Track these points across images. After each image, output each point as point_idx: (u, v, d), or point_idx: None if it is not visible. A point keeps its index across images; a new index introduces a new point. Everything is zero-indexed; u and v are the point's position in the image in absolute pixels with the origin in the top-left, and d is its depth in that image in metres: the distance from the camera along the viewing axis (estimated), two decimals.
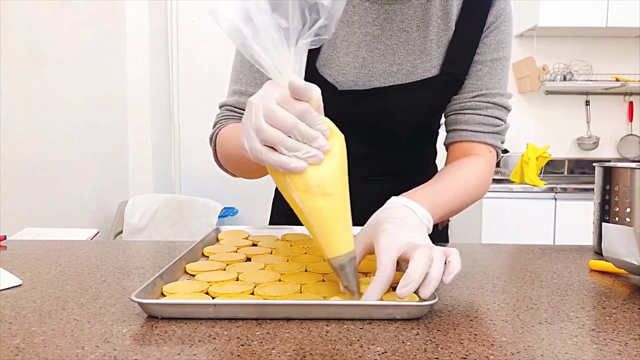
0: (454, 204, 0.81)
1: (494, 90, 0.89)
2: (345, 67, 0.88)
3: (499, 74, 0.90)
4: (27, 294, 0.66)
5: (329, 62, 0.88)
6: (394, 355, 0.48)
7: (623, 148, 3.32)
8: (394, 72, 0.88)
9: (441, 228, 1.09)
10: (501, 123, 0.91)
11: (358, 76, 0.88)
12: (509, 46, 0.91)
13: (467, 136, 0.90)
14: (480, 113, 0.89)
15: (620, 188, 0.87)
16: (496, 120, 0.90)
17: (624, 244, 0.71)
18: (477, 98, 0.89)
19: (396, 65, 0.88)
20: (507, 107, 0.91)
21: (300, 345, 0.50)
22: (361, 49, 0.87)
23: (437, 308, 0.61)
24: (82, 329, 0.54)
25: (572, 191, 2.73)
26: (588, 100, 3.30)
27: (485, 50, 0.89)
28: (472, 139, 0.90)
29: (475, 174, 0.87)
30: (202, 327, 0.54)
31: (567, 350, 0.49)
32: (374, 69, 0.88)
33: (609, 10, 2.86)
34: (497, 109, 0.90)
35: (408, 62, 0.88)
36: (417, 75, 0.89)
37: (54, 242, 1.00)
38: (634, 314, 0.60)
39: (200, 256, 0.83)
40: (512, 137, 3.23)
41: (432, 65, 0.88)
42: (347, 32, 0.87)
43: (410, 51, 0.88)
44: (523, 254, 0.90)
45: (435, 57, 0.88)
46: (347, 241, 0.58)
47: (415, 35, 0.88)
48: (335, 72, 0.88)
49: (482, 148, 0.90)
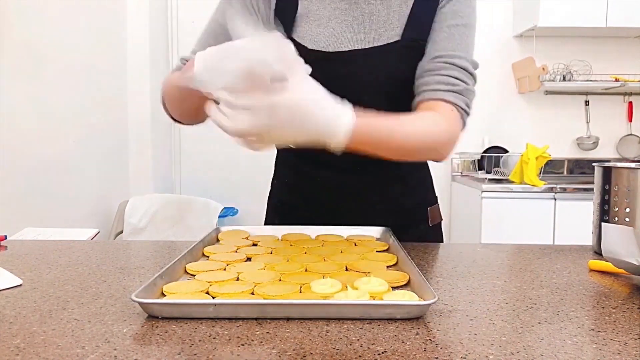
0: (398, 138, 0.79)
1: (452, 52, 0.91)
2: (317, 37, 0.96)
3: (456, 39, 0.92)
4: (27, 293, 0.66)
5: (302, 33, 0.96)
6: (394, 355, 0.48)
7: (622, 148, 3.32)
8: (360, 40, 0.95)
9: (432, 224, 1.09)
10: (460, 83, 0.90)
11: (328, 43, 0.95)
12: (468, 16, 0.94)
13: (427, 95, 0.90)
14: (438, 73, 0.90)
15: (619, 188, 0.87)
16: (454, 80, 0.90)
17: (623, 244, 0.71)
18: (434, 60, 0.92)
19: (362, 34, 0.95)
20: (466, 69, 0.91)
21: (300, 345, 0.50)
22: (331, 21, 0.96)
23: (437, 308, 0.61)
24: (83, 329, 0.54)
25: (571, 191, 2.73)
26: (588, 100, 3.30)
27: (442, 18, 0.93)
28: (432, 97, 0.90)
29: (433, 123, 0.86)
30: (202, 327, 0.54)
31: (566, 350, 0.49)
32: (342, 37, 0.95)
33: (608, 10, 2.86)
34: (455, 69, 0.90)
35: (373, 30, 0.95)
36: (379, 42, 0.95)
37: (54, 242, 1.00)
38: (634, 313, 0.60)
39: (201, 256, 0.83)
40: (512, 137, 3.25)
41: (395, 34, 0.95)
42: (318, 7, 0.96)
43: (375, 21, 0.95)
44: (523, 254, 0.90)
45: (397, 26, 0.95)
46: None
47: (379, 7, 0.95)
48: (308, 41, 0.95)
49: (442, 106, 0.89)
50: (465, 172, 3.27)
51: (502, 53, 3.26)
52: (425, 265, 0.81)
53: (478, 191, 2.79)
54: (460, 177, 3.18)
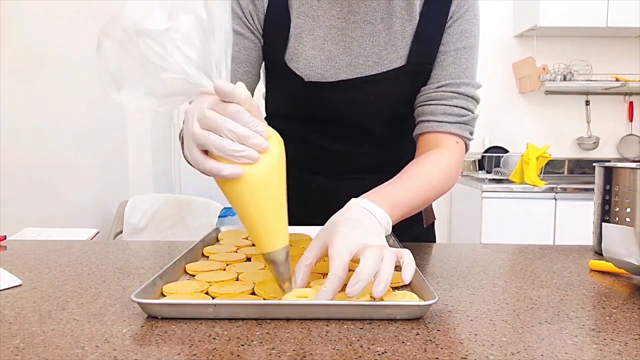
0: (415, 202, 0.80)
1: (459, 80, 0.89)
2: (312, 60, 0.89)
3: (463, 64, 0.90)
4: (27, 294, 0.66)
5: (296, 56, 0.89)
6: (394, 355, 0.48)
7: (623, 148, 3.33)
8: (360, 64, 0.90)
9: (426, 226, 1.09)
10: (467, 113, 0.90)
11: (325, 69, 0.89)
12: (473, 36, 0.91)
13: (432, 127, 0.89)
14: (445, 103, 0.89)
15: (620, 188, 0.87)
16: (462, 110, 0.89)
17: (624, 244, 0.71)
18: (441, 88, 0.89)
19: (362, 57, 0.90)
20: (473, 97, 0.90)
21: (300, 345, 0.50)
22: (327, 42, 0.89)
23: (437, 308, 0.61)
24: (82, 329, 0.54)
25: (572, 191, 2.73)
26: (588, 100, 3.30)
27: (448, 40, 0.89)
28: (437, 130, 0.89)
29: (440, 168, 0.86)
30: (202, 327, 0.54)
31: (567, 350, 0.49)
32: (340, 61, 0.89)
33: (609, 10, 2.86)
34: (463, 98, 0.89)
35: (374, 53, 0.90)
36: (383, 67, 0.90)
37: (54, 242, 1.00)
38: (634, 314, 0.60)
39: (200, 256, 0.83)
40: (512, 137, 3.25)
41: (398, 56, 0.90)
42: (312, 26, 0.89)
43: (376, 42, 0.89)
44: (523, 254, 0.90)
45: (400, 48, 0.89)
46: (282, 237, 0.60)
47: (379, 27, 0.89)
48: (303, 66, 0.89)
49: (447, 139, 0.89)
50: (466, 172, 3.27)
51: (502, 53, 3.26)
52: (425, 265, 0.81)
53: (478, 191, 2.78)
54: (461, 177, 3.18)
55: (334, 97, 0.91)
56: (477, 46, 0.92)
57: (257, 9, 0.89)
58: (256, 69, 0.93)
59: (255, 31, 0.90)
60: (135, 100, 0.53)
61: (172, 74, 0.52)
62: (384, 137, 0.99)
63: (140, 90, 0.53)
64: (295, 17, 0.89)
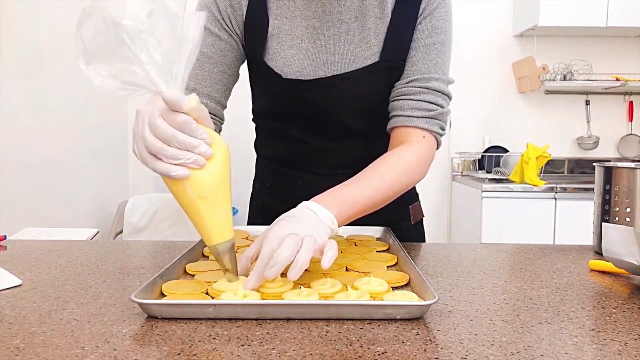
0: (371, 200, 0.81)
1: (428, 75, 0.91)
2: (290, 59, 0.92)
3: (433, 59, 0.91)
4: (27, 294, 0.66)
5: (275, 55, 0.93)
6: (394, 355, 0.48)
7: (623, 148, 3.32)
8: (336, 62, 0.92)
9: (414, 222, 1.09)
10: (436, 108, 0.90)
11: (302, 67, 0.92)
12: (444, 32, 0.92)
13: (400, 122, 0.91)
14: (414, 98, 0.90)
15: (620, 188, 0.87)
16: (430, 105, 0.90)
17: (624, 244, 0.71)
18: (410, 83, 0.91)
19: (338, 55, 0.92)
20: (442, 92, 0.91)
21: (300, 345, 0.50)
22: (304, 41, 0.92)
23: (437, 308, 0.61)
24: (82, 329, 0.54)
25: (572, 191, 2.73)
26: (588, 100, 3.30)
27: (419, 36, 0.91)
28: (405, 124, 0.91)
29: (404, 162, 0.87)
30: (202, 327, 0.54)
31: (567, 350, 0.49)
32: (317, 59, 0.92)
33: (608, 10, 2.86)
34: (431, 93, 0.90)
35: (349, 51, 0.92)
36: (357, 64, 0.92)
37: (54, 242, 1.00)
38: (634, 314, 0.60)
39: (200, 256, 0.83)
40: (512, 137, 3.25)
41: (372, 53, 0.92)
42: (290, 27, 0.92)
43: (350, 40, 0.92)
44: (523, 254, 0.90)
45: (374, 45, 0.92)
46: (226, 231, 0.64)
47: (354, 26, 0.92)
48: (281, 64, 0.92)
49: (415, 133, 0.90)
50: (466, 171, 3.27)
51: (502, 53, 3.26)
52: (425, 265, 0.81)
53: (478, 191, 2.78)
54: (461, 177, 3.18)
55: (313, 95, 0.94)
56: (448, 42, 0.94)
57: (236, 12, 0.92)
58: (232, 69, 0.96)
59: (233, 33, 0.93)
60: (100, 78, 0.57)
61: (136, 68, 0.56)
62: (366, 133, 1.00)
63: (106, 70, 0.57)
64: (273, 18, 0.92)
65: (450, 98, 0.94)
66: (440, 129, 0.92)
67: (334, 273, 0.71)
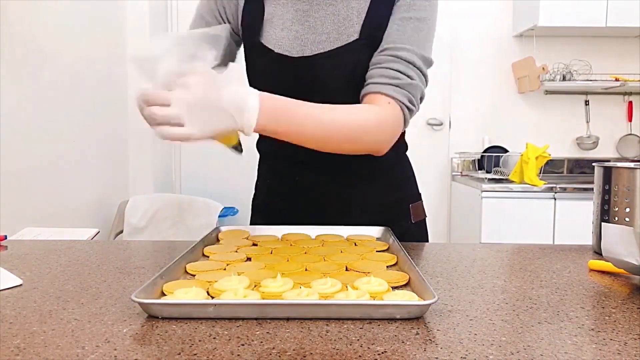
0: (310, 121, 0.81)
1: (400, 45, 0.91)
2: (281, 40, 0.98)
3: (407, 32, 0.92)
4: (27, 293, 0.66)
5: (268, 37, 0.99)
6: (394, 355, 0.48)
7: (622, 148, 3.32)
8: (323, 41, 0.96)
9: (415, 221, 1.09)
10: (403, 77, 0.90)
11: (292, 46, 0.97)
12: (423, 9, 0.93)
13: (368, 89, 0.91)
14: (383, 66, 0.91)
15: (619, 188, 0.87)
16: (397, 74, 0.90)
17: (623, 244, 0.71)
18: (382, 52, 0.92)
19: (324, 35, 0.96)
20: (413, 64, 0.91)
21: (300, 345, 0.50)
22: (294, 24, 0.97)
23: (436, 308, 0.61)
24: (83, 329, 0.54)
25: (571, 191, 2.73)
26: (587, 100, 3.30)
27: (396, 10, 0.94)
28: (372, 90, 0.91)
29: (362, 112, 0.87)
30: (202, 327, 0.54)
31: (566, 350, 0.49)
32: (305, 39, 0.97)
33: (608, 10, 2.86)
34: (401, 63, 0.90)
35: (334, 30, 0.96)
36: (341, 41, 0.95)
37: (55, 242, 1.01)
38: (634, 313, 0.60)
39: (201, 256, 0.83)
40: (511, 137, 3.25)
41: (355, 31, 0.95)
42: (282, 12, 0.98)
43: (336, 20, 0.96)
44: (522, 254, 0.90)
45: (356, 23, 0.95)
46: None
47: (340, 6, 0.96)
48: (273, 45, 0.98)
49: (381, 99, 0.89)
50: (465, 171, 3.27)
51: (502, 53, 3.26)
52: (425, 265, 0.81)
53: (478, 191, 2.78)
54: (460, 177, 3.18)
55: (303, 73, 0.96)
56: (428, 21, 0.94)
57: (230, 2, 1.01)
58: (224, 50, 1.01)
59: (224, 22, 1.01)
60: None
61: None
62: None
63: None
64: (268, 5, 1.00)
65: (425, 76, 0.93)
66: (407, 101, 0.90)
67: (334, 273, 0.71)
